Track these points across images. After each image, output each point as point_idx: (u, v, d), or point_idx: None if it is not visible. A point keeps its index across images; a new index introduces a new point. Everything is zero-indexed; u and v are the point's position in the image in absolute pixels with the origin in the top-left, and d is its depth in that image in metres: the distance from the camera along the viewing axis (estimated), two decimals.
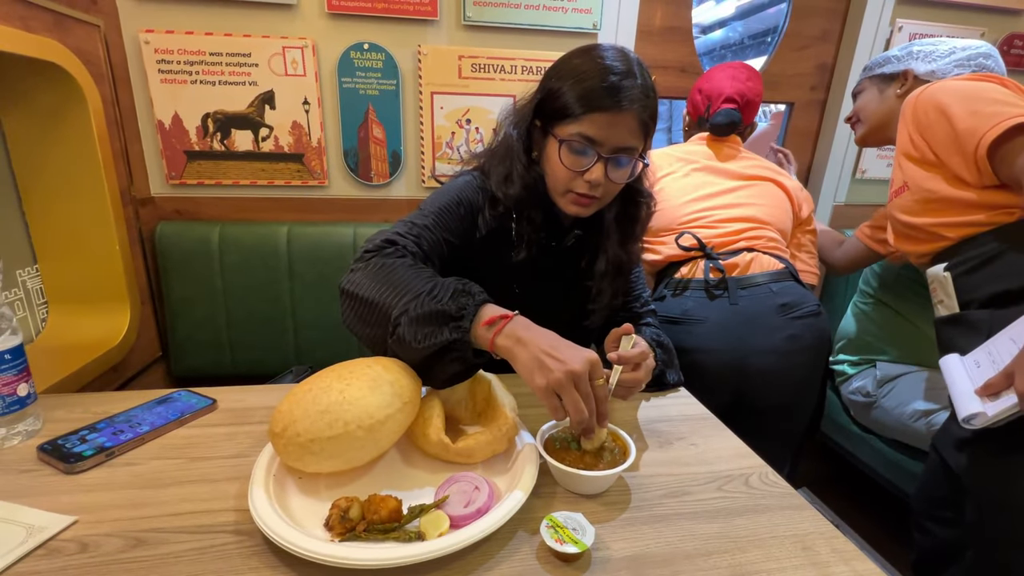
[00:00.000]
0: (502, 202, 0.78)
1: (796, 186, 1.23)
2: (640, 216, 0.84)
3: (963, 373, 0.76)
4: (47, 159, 0.98)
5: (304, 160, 1.33)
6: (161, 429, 0.66)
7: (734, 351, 1.03)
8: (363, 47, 1.28)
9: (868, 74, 1.12)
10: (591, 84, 0.68)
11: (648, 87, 0.70)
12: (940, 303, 0.89)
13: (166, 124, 1.25)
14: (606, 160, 0.70)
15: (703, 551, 0.50)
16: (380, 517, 0.48)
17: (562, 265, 0.85)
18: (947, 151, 0.83)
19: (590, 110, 0.68)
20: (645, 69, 0.71)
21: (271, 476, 0.54)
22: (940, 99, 0.84)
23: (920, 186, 0.88)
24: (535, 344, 0.55)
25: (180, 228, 1.27)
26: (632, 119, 0.68)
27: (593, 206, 0.75)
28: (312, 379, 0.57)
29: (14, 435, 0.63)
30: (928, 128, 0.85)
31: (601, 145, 0.69)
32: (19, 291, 0.98)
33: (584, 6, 1.34)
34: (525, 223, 0.78)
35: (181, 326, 1.29)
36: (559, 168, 0.72)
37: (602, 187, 0.72)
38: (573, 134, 0.69)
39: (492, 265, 0.79)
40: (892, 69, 1.06)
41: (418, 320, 0.57)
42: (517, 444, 0.62)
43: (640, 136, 0.71)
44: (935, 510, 0.90)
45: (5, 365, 0.61)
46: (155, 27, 1.19)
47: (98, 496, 0.54)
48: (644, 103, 0.69)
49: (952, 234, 0.86)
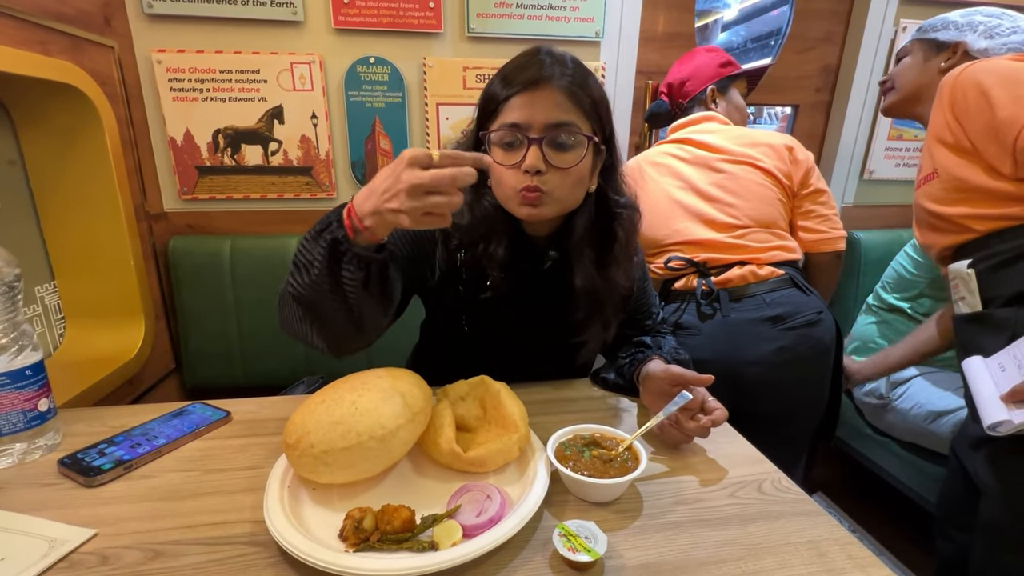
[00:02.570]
0: (454, 236, 0.73)
1: (777, 160, 1.12)
2: (615, 233, 0.73)
3: (987, 377, 0.73)
4: (64, 178, 1.00)
5: (313, 173, 1.35)
6: (177, 442, 0.67)
7: (726, 362, 1.03)
8: (369, 61, 1.30)
9: (920, 35, 0.99)
10: (504, 73, 0.66)
11: (565, 59, 0.66)
12: (961, 300, 0.83)
13: (178, 141, 1.28)
14: (539, 142, 0.63)
15: (716, 558, 0.50)
16: (393, 527, 0.49)
17: (546, 293, 0.77)
18: (984, 139, 0.76)
19: (508, 97, 0.64)
20: (569, 56, 0.67)
21: (285, 487, 0.55)
22: (982, 80, 0.75)
23: (952, 174, 0.81)
24: (374, 184, 0.53)
25: (192, 242, 1.29)
26: (554, 91, 0.63)
27: (545, 202, 0.66)
28: (324, 391, 0.58)
29: (35, 449, 0.64)
30: (966, 112, 0.78)
31: (528, 127, 0.63)
32: (37, 307, 1.00)
33: (586, 15, 1.35)
34: (484, 256, 0.72)
35: (194, 338, 1.31)
36: (499, 170, 0.66)
37: (547, 175, 0.64)
38: (498, 127, 0.65)
39: (469, 302, 0.76)
40: (947, 37, 0.95)
41: (303, 252, 0.57)
42: (528, 452, 0.62)
43: (573, 109, 0.64)
44: (958, 516, 0.87)
45: (26, 381, 0.62)
46: (167, 47, 1.22)
47: (117, 509, 0.55)
48: (563, 72, 0.64)
49: (981, 227, 0.79)
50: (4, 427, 0.62)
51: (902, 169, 1.66)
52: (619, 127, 1.48)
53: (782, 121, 1.83)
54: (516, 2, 1.31)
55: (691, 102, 1.24)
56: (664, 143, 1.25)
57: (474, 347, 0.82)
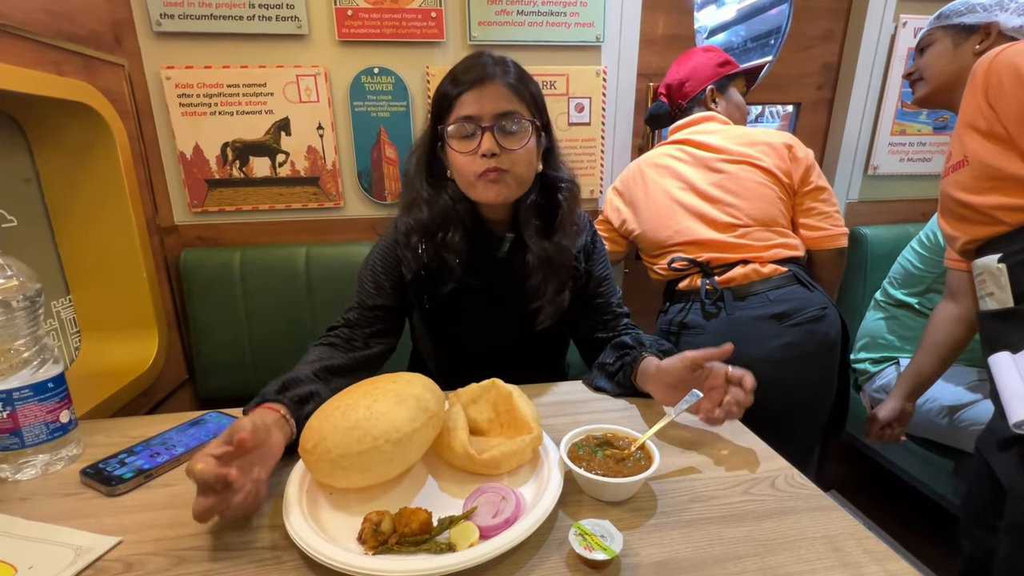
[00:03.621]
0: (414, 232, 0.81)
1: (777, 158, 1.12)
2: (559, 203, 0.83)
3: (1015, 373, 0.70)
4: (77, 194, 1.02)
5: (320, 183, 1.37)
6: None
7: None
8: (373, 71, 1.31)
9: (943, 23, 0.97)
10: (453, 75, 0.76)
11: (505, 60, 0.77)
12: (989, 296, 0.80)
13: (188, 155, 1.30)
14: (491, 129, 0.73)
15: (732, 555, 0.50)
16: (411, 529, 0.49)
17: (506, 276, 0.84)
18: (1019, 125, 0.72)
19: (459, 94, 0.74)
20: (504, 56, 0.78)
21: (304, 492, 0.56)
22: (1019, 63, 0.71)
23: (983, 162, 0.77)
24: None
25: (203, 254, 1.31)
26: (499, 86, 0.74)
27: (504, 181, 0.76)
28: (339, 396, 0.59)
29: (58, 460, 0.65)
30: (1001, 97, 0.73)
31: (480, 117, 0.73)
32: (54, 321, 1.02)
33: (587, 20, 1.37)
34: (443, 245, 0.80)
35: (206, 349, 1.33)
36: (458, 158, 0.76)
37: (501, 157, 0.74)
38: (453, 120, 0.75)
39: (439, 294, 0.83)
40: (974, 20, 0.91)
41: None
42: (541, 453, 0.63)
43: (516, 100, 0.75)
44: (984, 517, 0.85)
45: (48, 393, 0.64)
46: (175, 63, 1.24)
47: (139, 517, 0.56)
48: (504, 70, 0.75)
49: (1011, 219, 0.75)
50: (28, 439, 0.63)
51: (906, 164, 1.66)
52: (621, 130, 1.49)
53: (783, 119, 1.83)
54: (517, 9, 1.33)
55: (691, 103, 1.24)
56: (664, 144, 1.26)
57: (444, 337, 0.90)
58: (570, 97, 1.42)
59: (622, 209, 1.25)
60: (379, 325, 0.85)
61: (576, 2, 1.35)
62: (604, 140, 1.48)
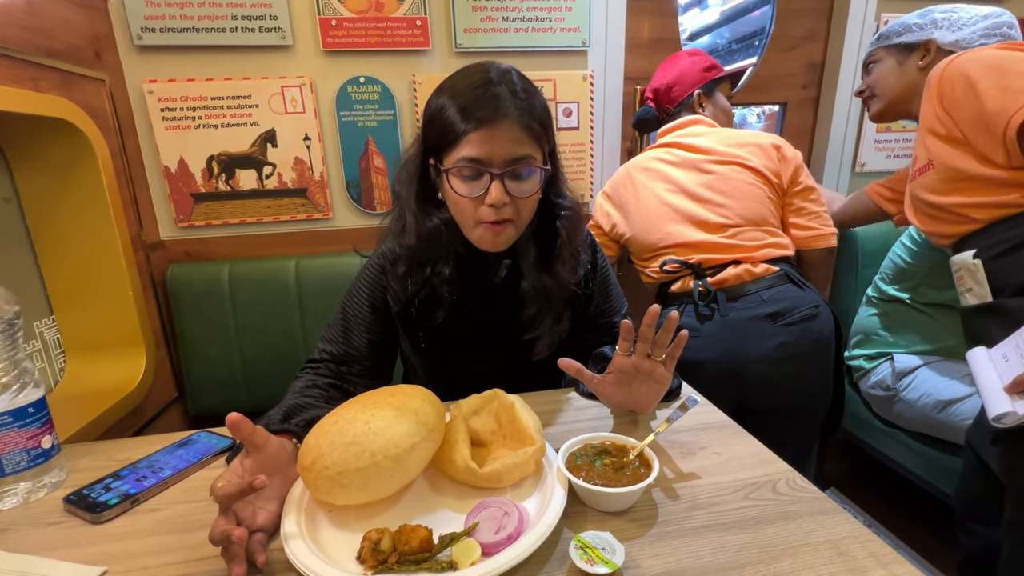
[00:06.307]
0: (401, 261, 0.76)
1: (765, 159, 1.13)
2: (558, 231, 0.77)
3: (991, 368, 0.72)
4: (59, 212, 1.00)
5: (308, 194, 1.35)
6: (183, 472, 0.66)
7: (728, 361, 1.03)
8: (359, 81, 1.31)
9: (884, 43, 1.04)
10: (461, 102, 0.65)
11: (515, 86, 0.67)
12: (969, 291, 0.82)
13: (172, 169, 1.28)
14: (501, 177, 0.66)
15: (736, 563, 0.49)
16: (411, 548, 0.48)
17: (502, 303, 0.79)
18: (974, 130, 0.77)
19: (466, 131, 0.65)
20: (516, 76, 0.69)
21: (302, 511, 0.54)
22: (969, 72, 0.77)
23: (947, 164, 0.81)
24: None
25: (190, 269, 1.29)
26: (512, 127, 0.65)
27: (508, 231, 0.70)
28: (337, 411, 0.58)
29: (40, 488, 0.63)
30: (955, 104, 0.79)
31: (489, 163, 0.65)
32: (37, 343, 0.99)
33: (572, 25, 1.37)
34: (434, 277, 0.74)
35: (196, 366, 1.30)
36: (460, 200, 0.69)
37: (509, 207, 0.68)
38: (458, 160, 0.66)
39: (429, 324, 0.79)
40: (913, 38, 0.98)
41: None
42: (545, 465, 0.61)
43: (529, 143, 0.67)
44: (978, 509, 0.86)
45: (29, 419, 0.62)
46: (158, 77, 1.22)
47: (125, 544, 0.54)
48: (516, 104, 0.65)
49: (981, 216, 0.79)
50: (7, 466, 0.61)
51: (893, 160, 1.68)
52: (610, 133, 1.49)
53: (768, 120, 1.84)
54: (502, 16, 1.33)
55: (678, 107, 1.25)
56: (652, 148, 1.26)
57: (434, 366, 0.86)
58: (558, 102, 1.42)
59: (612, 213, 1.25)
60: (367, 363, 0.81)
61: (561, 7, 1.35)
62: (593, 144, 1.48)
